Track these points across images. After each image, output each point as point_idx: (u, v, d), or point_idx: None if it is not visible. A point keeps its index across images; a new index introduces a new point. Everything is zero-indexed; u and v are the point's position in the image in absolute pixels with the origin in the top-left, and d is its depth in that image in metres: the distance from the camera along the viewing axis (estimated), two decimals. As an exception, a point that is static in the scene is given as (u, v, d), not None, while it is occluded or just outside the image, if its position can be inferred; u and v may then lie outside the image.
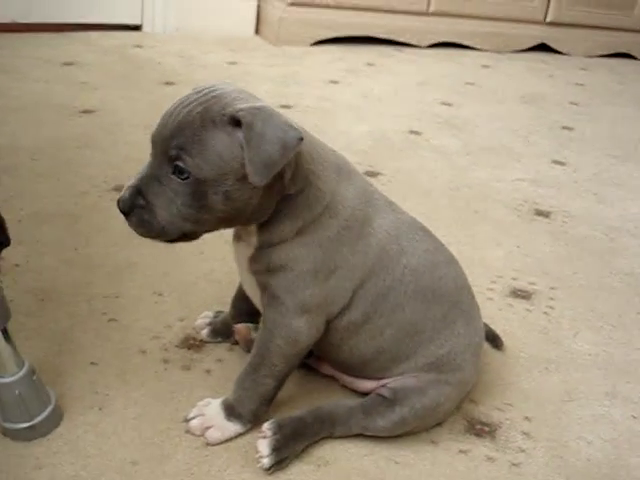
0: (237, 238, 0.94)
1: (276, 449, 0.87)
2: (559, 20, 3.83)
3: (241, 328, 1.06)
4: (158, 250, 1.31)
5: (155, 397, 0.96)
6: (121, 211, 0.82)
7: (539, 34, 3.84)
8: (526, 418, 1.02)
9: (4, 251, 0.85)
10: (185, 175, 0.79)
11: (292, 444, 0.89)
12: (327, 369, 1.03)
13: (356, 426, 0.93)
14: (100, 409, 0.93)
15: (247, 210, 0.83)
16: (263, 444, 0.88)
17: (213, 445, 0.90)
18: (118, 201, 0.82)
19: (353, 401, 0.96)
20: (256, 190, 0.81)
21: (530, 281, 1.39)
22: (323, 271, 0.87)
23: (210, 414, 0.92)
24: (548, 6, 3.79)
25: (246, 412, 0.91)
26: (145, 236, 0.83)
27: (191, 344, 1.08)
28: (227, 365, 1.04)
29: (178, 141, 0.79)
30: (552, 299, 1.34)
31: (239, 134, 0.78)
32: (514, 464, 0.93)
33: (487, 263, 1.44)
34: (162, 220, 0.81)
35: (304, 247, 0.87)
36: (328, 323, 0.91)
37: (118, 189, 1.54)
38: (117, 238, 1.34)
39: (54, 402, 0.90)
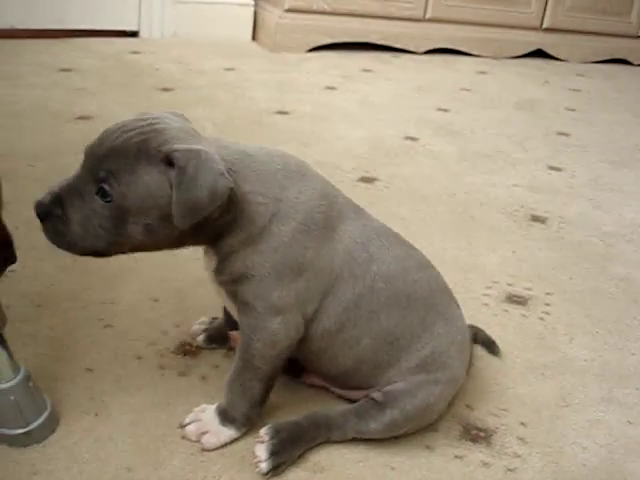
0: (205, 251, 0.93)
1: (274, 453, 0.87)
2: (555, 26, 3.85)
3: (237, 335, 1.06)
4: (154, 256, 1.30)
5: (151, 403, 0.96)
6: (37, 215, 0.81)
7: (535, 40, 3.86)
8: (522, 423, 1.02)
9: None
10: (108, 199, 0.79)
11: (289, 448, 0.89)
12: (318, 381, 1.03)
13: (351, 430, 0.93)
14: (96, 415, 0.93)
15: (168, 242, 0.85)
16: (261, 448, 0.88)
17: (209, 450, 0.90)
18: (36, 204, 0.81)
19: (347, 406, 0.96)
20: (173, 227, 0.81)
21: (526, 287, 1.40)
22: (287, 273, 0.87)
23: (206, 419, 0.92)
24: (544, 12, 3.81)
25: (239, 416, 0.91)
26: (55, 245, 0.83)
27: (187, 350, 1.08)
28: (223, 371, 1.04)
29: (109, 165, 0.79)
30: (548, 305, 1.34)
31: (171, 174, 0.78)
32: (509, 469, 0.93)
33: (483, 269, 1.44)
34: (75, 235, 0.81)
35: (259, 254, 0.86)
36: (307, 329, 0.91)
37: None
38: (113, 244, 1.34)
39: (50, 408, 0.89)
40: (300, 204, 0.88)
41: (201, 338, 1.09)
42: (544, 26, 3.84)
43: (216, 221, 0.83)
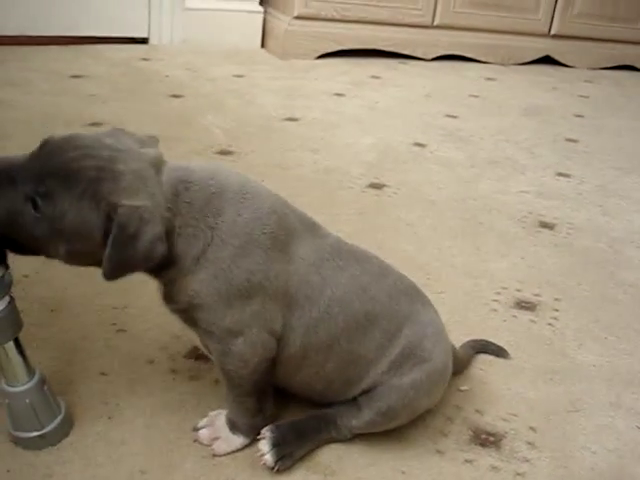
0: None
1: (276, 445, 0.89)
2: (563, 33, 3.85)
3: None
4: (166, 261, 1.32)
5: (164, 407, 0.98)
6: None
7: (543, 47, 3.86)
8: (531, 428, 1.03)
9: (14, 262, 0.85)
10: (38, 212, 0.76)
11: (292, 441, 0.91)
12: None
13: (343, 427, 0.94)
14: (110, 418, 0.94)
15: (91, 264, 0.82)
16: (262, 442, 0.90)
17: (220, 456, 0.91)
18: None
19: (339, 404, 0.96)
20: (96, 261, 0.79)
21: (534, 292, 1.40)
22: (234, 297, 0.85)
23: (218, 425, 0.93)
24: (552, 19, 3.81)
25: (243, 426, 0.93)
26: None
27: (199, 354, 1.08)
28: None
29: (55, 185, 0.76)
30: (556, 310, 1.35)
31: (111, 225, 0.76)
32: (519, 474, 0.94)
33: (492, 274, 1.45)
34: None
35: (198, 283, 0.84)
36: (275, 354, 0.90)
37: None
38: (125, 249, 1.35)
39: (64, 411, 0.91)
40: (238, 227, 0.84)
41: (212, 343, 1.10)
42: (552, 33, 3.84)
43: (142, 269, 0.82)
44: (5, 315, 0.82)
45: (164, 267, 0.83)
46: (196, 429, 0.94)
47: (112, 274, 0.77)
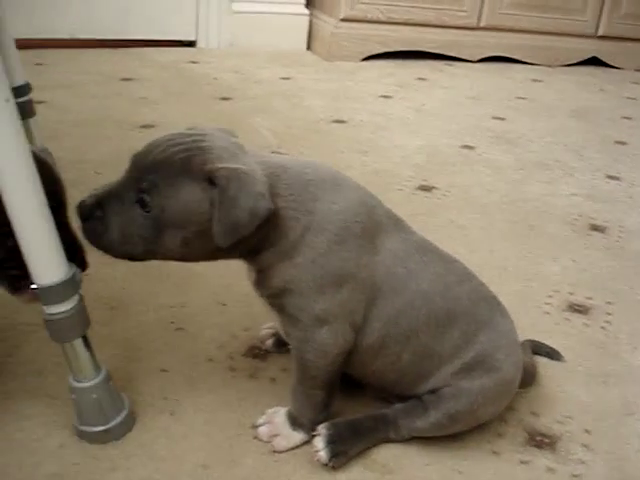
0: (246, 264, 0.94)
1: (331, 442, 0.90)
2: (610, 34, 3.81)
3: None
4: (220, 262, 1.34)
5: (223, 403, 1.00)
6: (79, 215, 0.84)
7: (590, 48, 3.82)
8: (586, 431, 1.03)
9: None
10: (147, 209, 0.81)
11: (347, 438, 0.92)
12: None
13: (403, 427, 0.95)
14: (171, 414, 0.96)
15: (203, 255, 0.87)
16: (318, 439, 0.91)
17: (279, 452, 0.92)
18: (79, 204, 0.84)
19: (400, 404, 0.97)
20: (210, 242, 0.83)
21: (587, 295, 1.40)
22: (327, 285, 0.87)
23: (277, 422, 0.94)
24: (599, 20, 3.77)
25: (307, 421, 0.94)
26: (93, 245, 0.85)
27: (256, 353, 1.11)
28: (291, 374, 1.06)
29: (153, 177, 0.81)
30: (609, 314, 1.34)
31: (212, 193, 0.80)
32: (575, 475, 0.94)
33: (544, 277, 1.45)
34: (112, 239, 0.83)
35: (295, 268, 0.86)
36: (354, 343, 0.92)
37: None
38: (181, 250, 1.38)
39: (128, 407, 0.93)
40: (334, 214, 0.87)
41: (269, 342, 1.12)
42: (599, 34, 3.80)
43: (251, 238, 0.84)
44: (75, 312, 0.84)
45: (262, 249, 0.86)
46: (255, 426, 0.95)
47: (225, 238, 0.80)
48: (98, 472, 0.86)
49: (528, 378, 1.08)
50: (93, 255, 0.89)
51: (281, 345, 1.11)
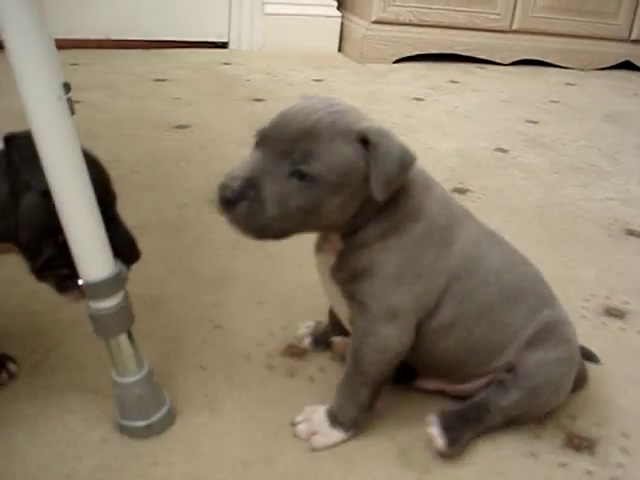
0: (318, 249, 0.96)
1: (446, 428, 0.92)
2: (644, 38, 3.79)
3: (340, 342, 1.09)
4: (257, 261, 1.36)
5: (262, 401, 1.00)
6: (225, 200, 0.80)
7: (623, 52, 3.79)
8: (623, 434, 1.03)
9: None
10: (306, 179, 0.80)
11: (458, 427, 0.93)
12: (432, 384, 1.05)
13: (495, 412, 0.96)
14: (211, 411, 0.97)
15: (347, 219, 0.87)
16: (432, 428, 0.92)
17: (318, 450, 0.93)
18: (223, 189, 0.80)
19: (487, 389, 0.98)
20: (359, 202, 0.85)
21: (623, 300, 1.39)
22: (408, 276, 0.89)
23: (316, 420, 0.95)
24: (633, 24, 3.74)
25: (347, 419, 0.94)
26: (244, 230, 0.82)
27: (294, 352, 1.11)
28: (329, 373, 1.07)
29: (306, 145, 0.80)
30: (646, 319, 1.34)
31: (364, 151, 0.82)
32: (613, 478, 0.94)
33: (579, 282, 1.44)
34: (270, 216, 0.80)
35: (387, 252, 0.88)
36: (420, 327, 0.93)
37: (216, 202, 1.59)
38: (217, 249, 1.39)
39: (169, 403, 0.94)
40: (429, 207, 0.91)
41: (307, 341, 1.12)
42: (632, 37, 3.77)
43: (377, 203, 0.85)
44: (121, 308, 0.86)
45: (369, 222, 0.88)
46: (294, 424, 0.96)
47: (384, 192, 0.82)
48: (140, 466, 0.87)
49: (580, 381, 1.08)
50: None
51: (319, 344, 1.12)
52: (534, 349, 0.95)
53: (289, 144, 0.81)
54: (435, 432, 0.92)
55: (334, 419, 0.94)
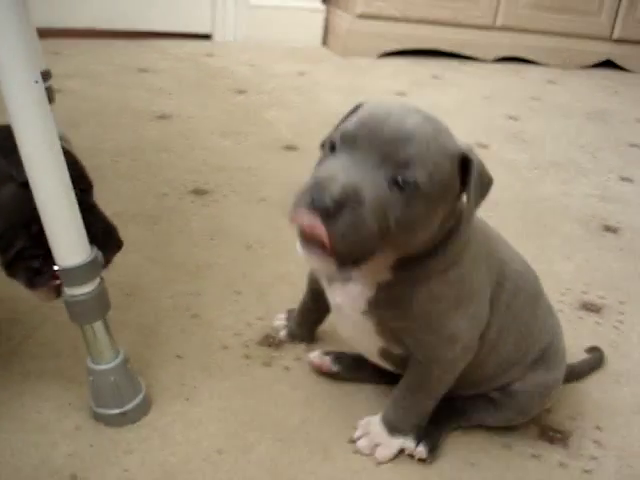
0: (343, 279, 0.85)
1: (421, 438, 0.92)
2: (626, 37, 3.80)
3: (316, 361, 1.05)
4: (235, 252, 1.36)
5: (238, 390, 1.00)
6: (324, 209, 0.67)
7: (605, 50, 3.81)
8: (597, 427, 1.04)
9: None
10: (408, 188, 0.71)
11: (432, 432, 0.94)
12: None
13: (473, 419, 0.98)
14: (187, 400, 0.97)
15: (427, 240, 0.79)
16: (407, 440, 0.93)
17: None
18: (320, 193, 0.67)
19: (476, 398, 0.99)
20: (440, 223, 0.78)
21: (599, 295, 1.40)
22: (463, 302, 0.84)
23: (374, 432, 0.93)
24: (615, 22, 3.76)
25: (409, 427, 0.93)
26: (341, 248, 0.68)
27: (270, 342, 1.11)
28: (305, 363, 1.07)
29: (411, 151, 0.71)
30: (622, 313, 1.35)
31: (458, 169, 0.76)
32: (586, 471, 0.95)
33: (557, 276, 1.45)
34: (371, 232, 0.69)
35: (445, 285, 0.82)
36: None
37: (197, 192, 1.59)
38: (196, 239, 1.39)
39: (144, 391, 0.94)
40: (475, 230, 0.86)
41: (283, 333, 1.12)
42: (614, 37, 3.79)
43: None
44: (97, 295, 0.86)
45: (425, 256, 0.80)
46: (352, 441, 0.94)
47: (473, 216, 0.81)
48: (114, 454, 0.87)
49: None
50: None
51: (294, 337, 1.12)
52: (535, 368, 0.96)
53: (388, 147, 0.71)
54: (412, 445, 0.92)
55: (393, 428, 0.93)
